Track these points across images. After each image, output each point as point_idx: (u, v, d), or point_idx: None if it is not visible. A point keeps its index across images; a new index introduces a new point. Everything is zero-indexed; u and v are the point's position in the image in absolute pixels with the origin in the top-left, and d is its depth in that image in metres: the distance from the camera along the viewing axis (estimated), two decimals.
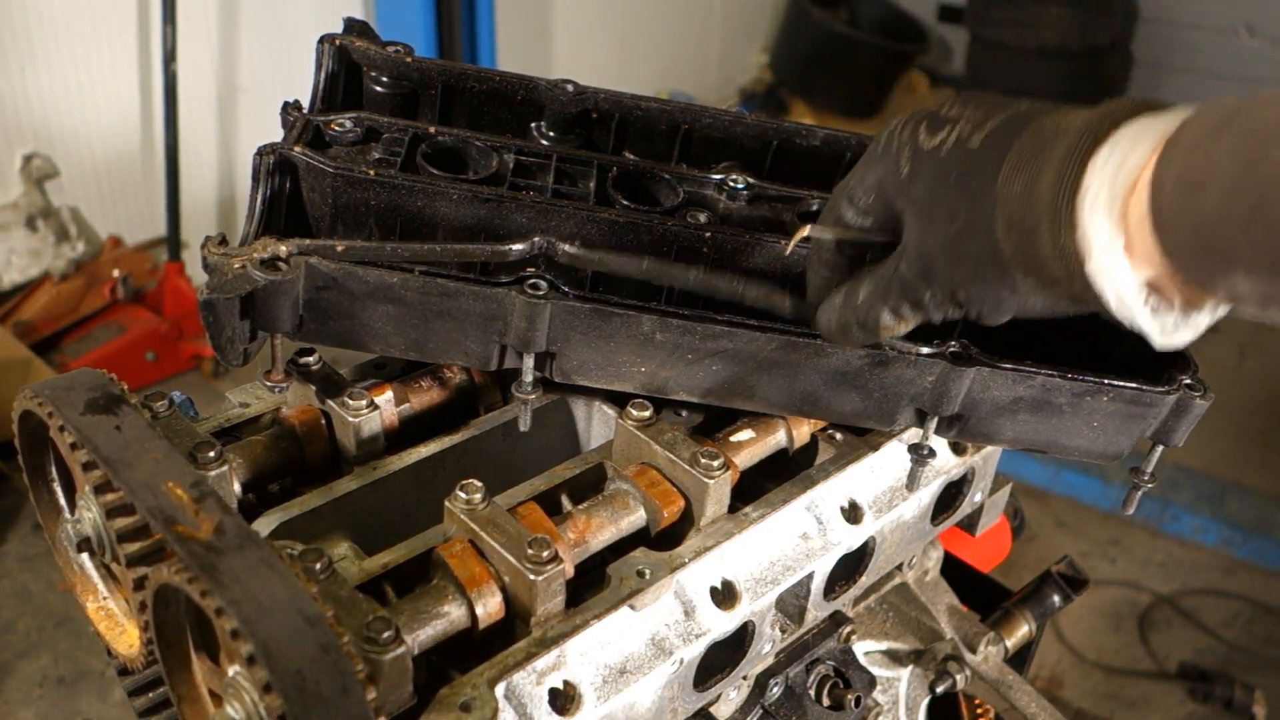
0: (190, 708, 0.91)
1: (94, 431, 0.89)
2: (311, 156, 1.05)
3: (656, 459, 1.05)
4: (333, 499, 1.04)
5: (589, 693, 0.96)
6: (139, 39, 4.11)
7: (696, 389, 1.08)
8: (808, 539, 1.15)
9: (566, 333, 1.01)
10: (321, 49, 1.22)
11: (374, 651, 0.78)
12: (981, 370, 1.04)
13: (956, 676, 1.46)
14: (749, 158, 1.32)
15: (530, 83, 1.27)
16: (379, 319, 1.01)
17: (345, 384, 1.11)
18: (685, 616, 1.04)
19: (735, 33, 6.97)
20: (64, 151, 4.06)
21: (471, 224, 1.08)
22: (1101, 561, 3.79)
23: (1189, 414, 1.08)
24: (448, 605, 0.89)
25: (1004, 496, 1.48)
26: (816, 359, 1.04)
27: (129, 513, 0.89)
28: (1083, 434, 1.11)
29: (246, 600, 0.73)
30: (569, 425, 1.24)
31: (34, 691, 3.00)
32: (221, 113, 4.50)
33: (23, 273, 4.09)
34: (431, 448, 1.12)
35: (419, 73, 1.25)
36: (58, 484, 1.06)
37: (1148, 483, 1.14)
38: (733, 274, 1.04)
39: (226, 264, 0.94)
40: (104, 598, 1.06)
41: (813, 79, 6.83)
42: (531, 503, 1.00)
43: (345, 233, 1.08)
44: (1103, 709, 3.25)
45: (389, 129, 1.15)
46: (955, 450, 1.32)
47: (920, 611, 1.53)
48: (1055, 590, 1.62)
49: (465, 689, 0.84)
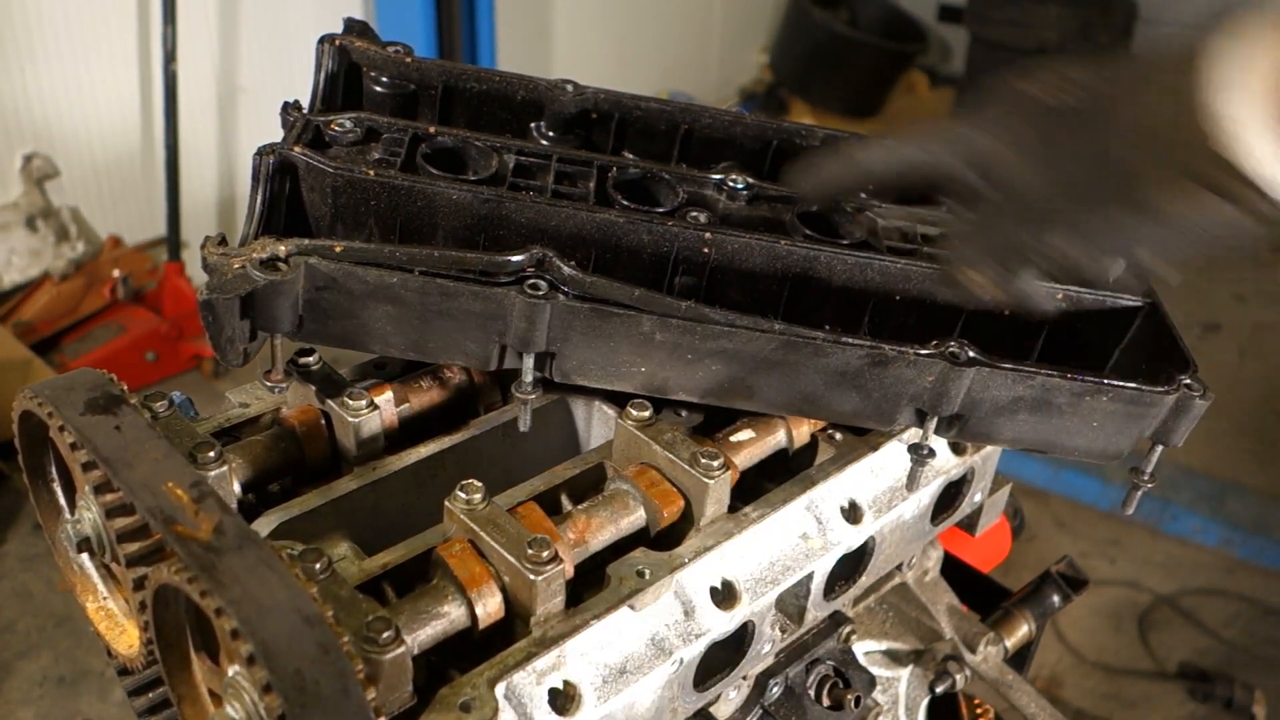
0: (190, 708, 0.91)
1: (94, 431, 0.89)
2: (311, 157, 1.05)
3: (656, 459, 1.05)
4: (333, 499, 1.04)
5: (589, 693, 0.96)
6: (139, 39, 4.11)
7: (696, 389, 1.08)
8: (808, 539, 1.15)
9: (566, 333, 1.01)
10: (321, 49, 1.23)
11: (374, 651, 0.78)
12: (981, 370, 1.04)
13: (956, 676, 1.46)
14: (749, 158, 1.32)
15: (530, 83, 1.27)
16: (379, 319, 1.01)
17: (345, 384, 1.11)
18: (685, 616, 1.04)
19: (735, 33, 6.96)
20: (64, 151, 4.06)
21: (471, 224, 1.08)
22: (1101, 561, 3.79)
23: (1189, 414, 1.08)
24: (448, 605, 0.89)
25: (1004, 496, 1.48)
26: (816, 359, 1.04)
27: (129, 513, 0.89)
28: (1082, 434, 1.11)
29: (246, 600, 0.73)
30: (569, 425, 1.24)
31: (34, 691, 3.00)
32: (221, 113, 4.49)
33: (23, 273, 4.08)
34: (431, 448, 1.12)
35: (419, 73, 1.25)
36: (58, 484, 1.06)
37: (1148, 483, 1.14)
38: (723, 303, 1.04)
39: (226, 264, 0.94)
40: (104, 598, 1.06)
41: (813, 79, 6.83)
42: (531, 503, 1.00)
43: (345, 233, 1.08)
44: (1103, 709, 3.25)
45: (389, 129, 1.15)
46: (955, 450, 1.32)
47: (920, 611, 1.53)
48: (1055, 590, 1.62)
49: (465, 689, 0.84)
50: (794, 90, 6.94)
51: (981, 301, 1.14)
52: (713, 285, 1.13)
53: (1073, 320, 1.17)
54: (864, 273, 1.13)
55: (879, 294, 1.15)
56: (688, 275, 1.12)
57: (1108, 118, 0.83)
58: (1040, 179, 0.87)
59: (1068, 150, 0.85)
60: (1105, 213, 0.84)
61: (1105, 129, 0.83)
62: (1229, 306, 5.41)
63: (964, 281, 0.94)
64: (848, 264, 1.13)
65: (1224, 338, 5.11)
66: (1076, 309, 1.17)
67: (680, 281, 1.12)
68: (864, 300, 1.15)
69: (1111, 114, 0.83)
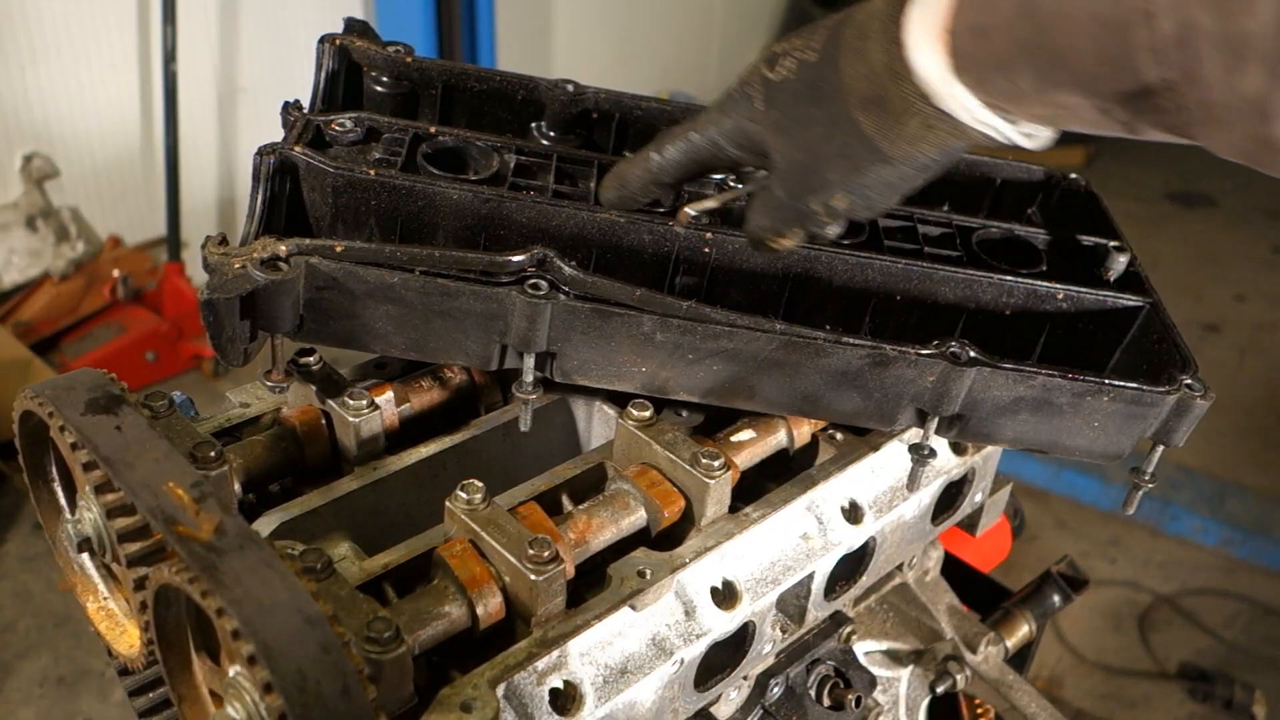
0: (191, 708, 0.91)
1: (94, 431, 0.89)
2: (312, 156, 1.05)
3: (657, 459, 1.05)
4: (333, 499, 1.04)
5: (590, 693, 0.96)
6: (139, 39, 4.12)
7: (697, 389, 1.08)
8: (808, 539, 1.15)
9: (567, 333, 1.01)
10: (321, 49, 1.22)
11: (374, 651, 0.78)
12: (982, 370, 1.04)
13: (957, 676, 1.46)
14: None
15: (530, 83, 1.27)
16: (379, 319, 1.01)
17: (345, 384, 1.11)
18: (686, 617, 1.04)
19: (735, 33, 6.96)
20: (64, 151, 4.06)
21: (472, 224, 1.08)
22: (1101, 561, 3.79)
23: (1189, 414, 1.08)
24: (448, 605, 0.89)
25: (1004, 496, 1.48)
26: (817, 359, 1.04)
27: (129, 513, 0.89)
28: (1083, 434, 1.10)
29: (247, 600, 0.73)
30: (569, 425, 1.24)
31: (34, 691, 3.00)
32: (221, 113, 4.50)
33: (23, 273, 4.09)
34: (432, 448, 1.12)
35: (419, 73, 1.25)
36: (58, 484, 1.06)
37: (1148, 483, 1.14)
38: (724, 303, 1.04)
39: (226, 264, 0.94)
40: (104, 598, 1.06)
41: None
42: (532, 503, 0.99)
43: (345, 232, 1.08)
44: (1103, 709, 3.25)
45: (389, 129, 1.15)
46: (955, 450, 1.32)
47: (920, 611, 1.53)
48: (1055, 590, 1.62)
49: (466, 689, 0.84)
50: None
51: (982, 301, 1.14)
52: (714, 285, 1.13)
53: (1073, 320, 1.18)
54: (864, 273, 1.13)
55: (880, 294, 1.15)
56: (689, 275, 1.12)
57: (833, 79, 0.92)
58: (799, 151, 0.96)
59: (808, 117, 0.95)
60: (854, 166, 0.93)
61: (832, 90, 0.92)
62: (1229, 306, 5.42)
63: (773, 247, 1.04)
64: (848, 264, 1.13)
65: (1224, 338, 5.12)
66: (1077, 309, 1.17)
67: (681, 281, 1.12)
68: (865, 300, 1.15)
69: (835, 74, 0.92)
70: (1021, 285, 1.15)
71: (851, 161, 0.93)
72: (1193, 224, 6.36)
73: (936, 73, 0.85)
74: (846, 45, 0.91)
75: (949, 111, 0.87)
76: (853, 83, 0.90)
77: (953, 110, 0.87)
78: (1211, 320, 5.24)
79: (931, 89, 0.86)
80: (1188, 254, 5.84)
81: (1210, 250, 5.94)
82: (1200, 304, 5.36)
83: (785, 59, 0.96)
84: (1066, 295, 1.16)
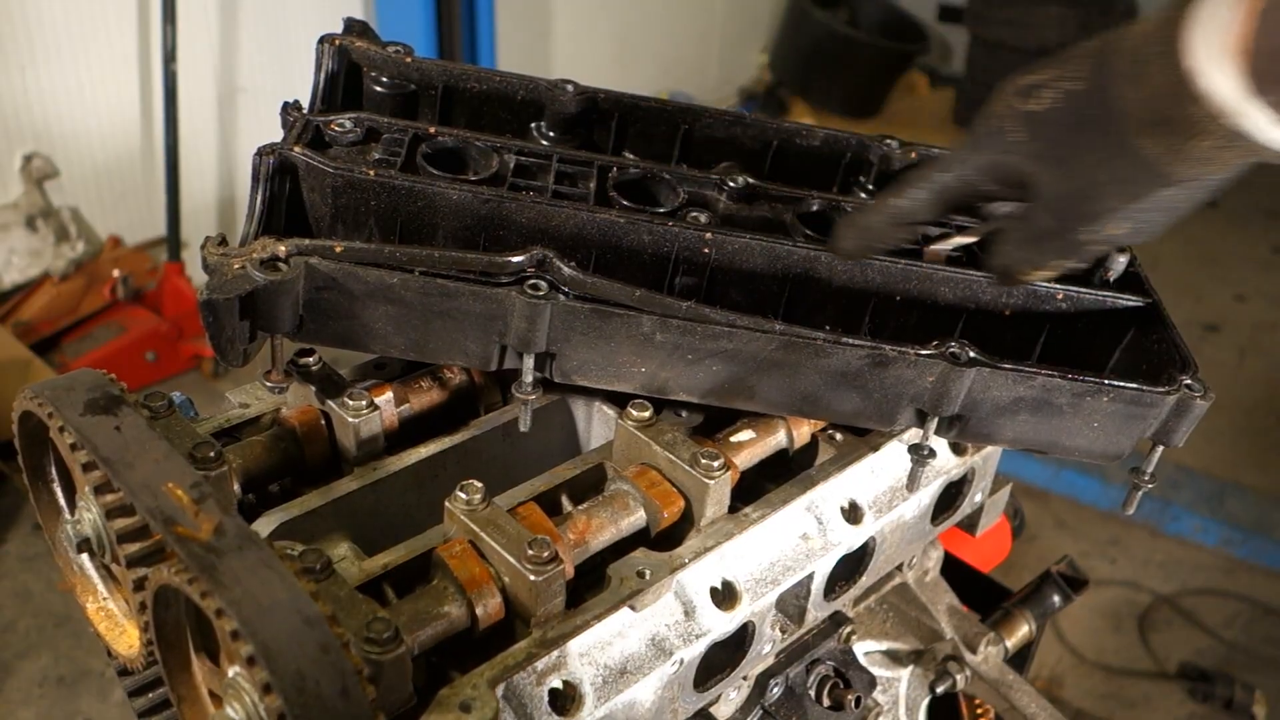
0: (190, 708, 0.91)
1: (94, 432, 0.89)
2: (311, 157, 1.05)
3: (656, 459, 1.05)
4: (333, 499, 1.04)
5: (589, 693, 0.96)
6: (139, 39, 4.11)
7: (696, 389, 1.08)
8: (808, 539, 1.15)
9: (566, 333, 1.01)
10: (321, 49, 1.22)
11: (374, 652, 0.78)
12: (982, 370, 1.04)
13: (956, 676, 1.46)
14: (749, 158, 1.32)
15: (530, 83, 1.27)
16: (379, 319, 1.01)
17: (345, 384, 1.11)
18: (685, 617, 1.04)
19: (735, 33, 6.96)
20: (64, 151, 4.06)
21: (472, 225, 1.08)
22: (1101, 561, 3.79)
23: (1189, 414, 1.08)
24: (448, 606, 0.89)
25: (1004, 496, 1.48)
26: (817, 359, 1.04)
27: (129, 513, 0.89)
28: (1083, 434, 1.10)
29: (246, 601, 0.73)
30: (569, 425, 1.24)
31: (34, 691, 3.00)
32: (221, 113, 4.49)
33: (23, 273, 4.08)
34: (431, 448, 1.12)
35: (419, 73, 1.25)
36: (58, 484, 1.06)
37: (1148, 483, 1.14)
38: (724, 303, 1.04)
39: (226, 264, 0.94)
40: (104, 598, 1.06)
41: (813, 79, 6.82)
42: (531, 503, 0.99)
43: (345, 233, 1.08)
44: (1103, 709, 3.25)
45: (389, 129, 1.15)
46: (955, 450, 1.32)
47: (920, 611, 1.53)
48: (1055, 590, 1.62)
49: (465, 689, 0.84)
50: (794, 90, 6.94)
51: (982, 302, 1.15)
52: (713, 285, 1.13)
53: (1073, 320, 1.18)
54: (864, 273, 1.13)
55: (879, 294, 1.15)
56: (688, 275, 1.12)
57: (1107, 106, 0.91)
58: (1070, 181, 0.95)
59: (1079, 145, 0.93)
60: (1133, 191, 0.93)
61: (1107, 117, 0.91)
62: (1229, 306, 5.42)
63: (1025, 280, 1.06)
64: (848, 264, 1.13)
65: (1224, 338, 5.12)
66: (1077, 309, 1.17)
67: (681, 282, 1.12)
68: (864, 300, 1.15)
69: (1109, 101, 0.90)
70: (1021, 285, 1.15)
71: (1130, 187, 0.92)
72: (1192, 224, 6.29)
73: (1232, 94, 0.83)
74: (1119, 71, 0.90)
75: (1244, 131, 0.85)
76: (1132, 108, 0.89)
77: (1248, 130, 0.85)
78: (1211, 320, 5.24)
79: (1226, 110, 0.84)
80: (1188, 254, 5.83)
81: (1210, 250, 5.93)
82: (1200, 304, 5.36)
83: (1044, 90, 0.95)
84: (1066, 295, 1.16)
